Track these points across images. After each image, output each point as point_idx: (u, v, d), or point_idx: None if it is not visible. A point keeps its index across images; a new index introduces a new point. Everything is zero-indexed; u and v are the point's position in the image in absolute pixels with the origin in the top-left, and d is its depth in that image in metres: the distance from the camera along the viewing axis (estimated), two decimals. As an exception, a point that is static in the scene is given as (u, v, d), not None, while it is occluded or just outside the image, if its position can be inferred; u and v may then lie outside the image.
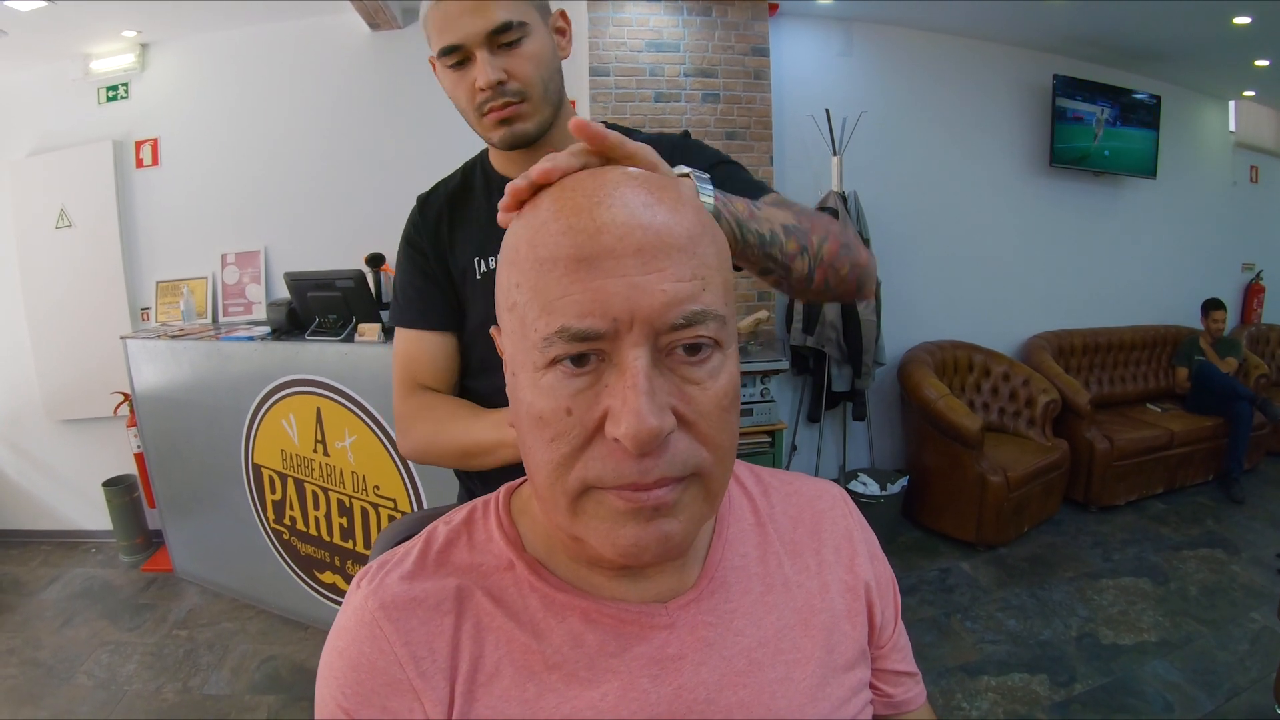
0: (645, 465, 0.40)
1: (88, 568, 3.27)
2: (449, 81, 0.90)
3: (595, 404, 0.41)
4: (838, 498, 0.63)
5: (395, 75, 3.29)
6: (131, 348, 2.91)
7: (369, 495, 2.40)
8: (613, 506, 0.42)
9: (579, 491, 0.42)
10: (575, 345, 0.40)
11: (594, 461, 0.41)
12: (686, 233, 0.42)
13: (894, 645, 0.63)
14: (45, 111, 3.36)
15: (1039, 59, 4.02)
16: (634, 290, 0.39)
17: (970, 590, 2.88)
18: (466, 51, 0.85)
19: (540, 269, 0.41)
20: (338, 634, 0.49)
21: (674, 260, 0.41)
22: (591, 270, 0.40)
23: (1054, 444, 3.47)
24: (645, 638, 0.49)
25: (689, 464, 0.42)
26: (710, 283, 0.42)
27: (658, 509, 0.42)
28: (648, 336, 0.40)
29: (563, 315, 0.40)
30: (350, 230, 3.24)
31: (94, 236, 3.33)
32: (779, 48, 3.49)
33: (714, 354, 0.43)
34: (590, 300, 0.39)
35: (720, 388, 0.43)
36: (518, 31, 0.86)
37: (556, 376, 0.41)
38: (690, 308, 0.40)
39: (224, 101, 3.33)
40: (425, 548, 0.52)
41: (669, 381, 0.41)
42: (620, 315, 0.39)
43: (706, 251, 0.43)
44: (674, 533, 0.43)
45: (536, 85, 0.89)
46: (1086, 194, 4.30)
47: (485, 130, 0.92)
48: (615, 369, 0.40)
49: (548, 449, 0.42)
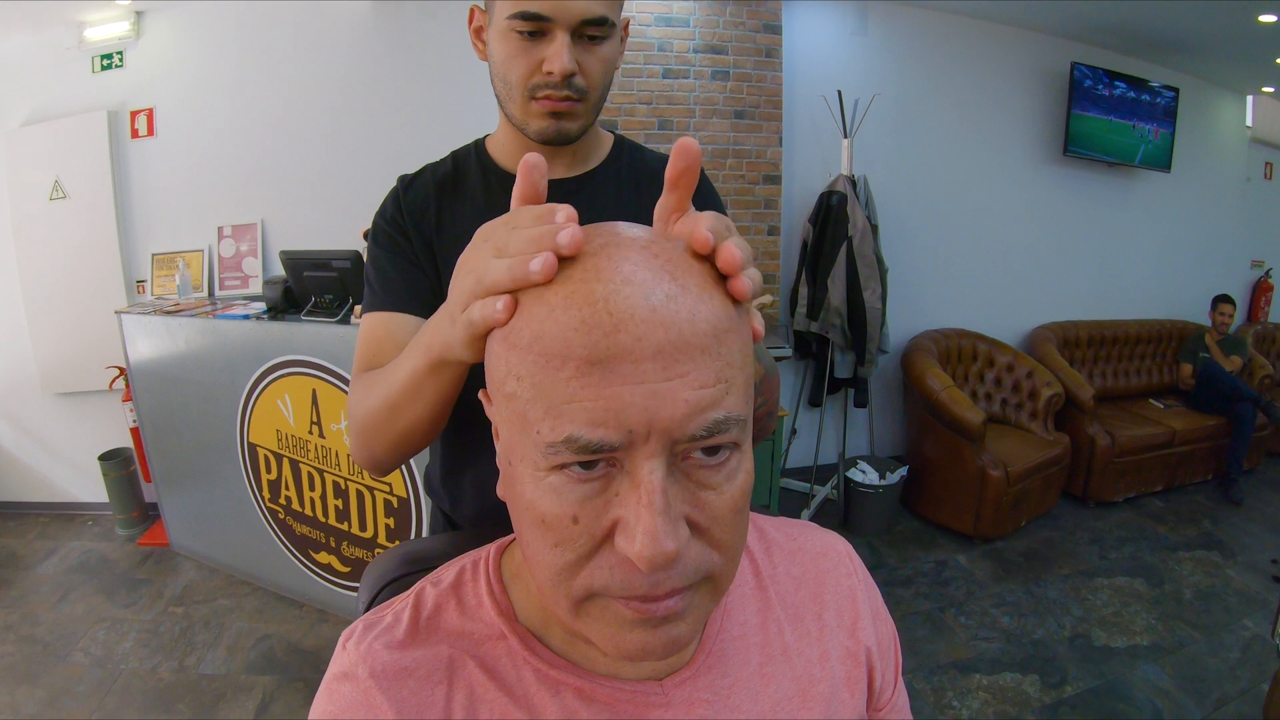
0: (656, 579, 0.38)
1: (84, 541, 3.27)
2: (510, 48, 0.80)
3: (604, 513, 0.38)
4: (843, 555, 0.61)
5: (397, 47, 3.22)
6: (126, 322, 2.88)
7: (365, 479, 2.38)
8: (619, 614, 0.40)
9: (584, 597, 0.40)
10: (585, 455, 0.37)
11: (601, 571, 0.39)
12: (712, 329, 0.37)
13: (892, 706, 0.61)
14: (38, 81, 3.29)
15: (1057, 45, 3.94)
16: (652, 399, 0.36)
17: (966, 584, 2.88)
18: (549, 27, 0.77)
19: (546, 366, 0.37)
20: (328, 698, 0.47)
21: (697, 363, 0.37)
22: (606, 375, 0.35)
23: (1056, 438, 3.45)
24: (641, 718, 0.47)
25: (700, 570, 0.40)
26: (734, 384, 0.38)
27: (667, 617, 0.40)
28: (665, 447, 0.37)
29: (571, 423, 0.36)
30: (347, 203, 3.15)
31: (89, 208, 3.28)
32: (791, 25, 3.42)
33: (733, 456, 0.40)
34: (603, 409, 0.36)
35: (736, 491, 0.40)
36: (606, 30, 0.79)
37: (562, 480, 0.38)
38: (712, 416, 0.37)
39: (221, 71, 3.26)
40: (415, 613, 0.50)
41: (683, 489, 0.38)
42: (636, 427, 0.36)
43: (731, 349, 0.38)
44: (680, 635, 0.41)
45: (598, 90, 0.83)
46: (1099, 184, 4.25)
47: (526, 115, 0.83)
48: (628, 478, 0.37)
49: (551, 553, 0.40)
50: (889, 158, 3.61)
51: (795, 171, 3.53)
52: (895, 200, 3.58)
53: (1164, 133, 4.25)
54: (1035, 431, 3.51)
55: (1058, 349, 3.92)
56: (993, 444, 3.23)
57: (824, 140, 3.50)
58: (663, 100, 3.21)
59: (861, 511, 3.25)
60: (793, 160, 3.49)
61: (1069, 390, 3.57)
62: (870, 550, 3.14)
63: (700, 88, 3.26)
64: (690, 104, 3.26)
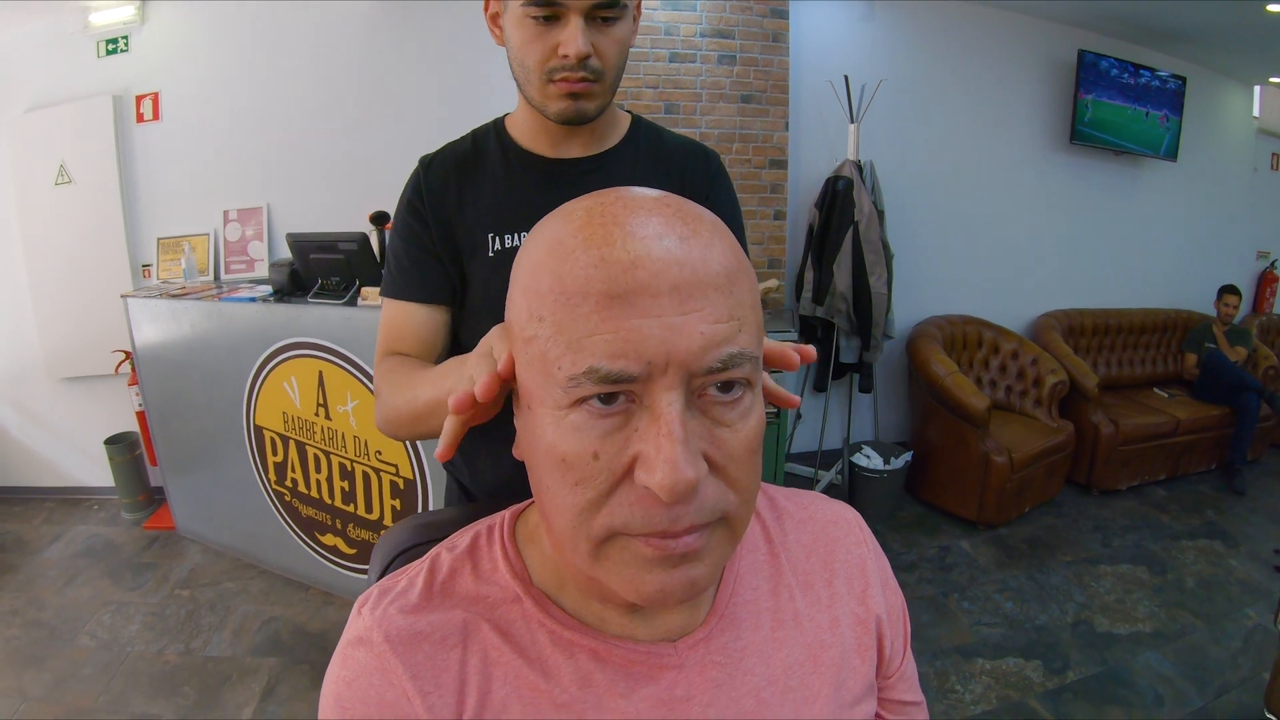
0: (676, 513, 0.39)
1: (90, 525, 3.28)
2: (526, 33, 0.82)
3: (625, 448, 0.39)
4: (852, 524, 0.62)
5: (402, 32, 3.21)
6: (132, 306, 2.88)
7: (371, 460, 2.39)
8: (639, 553, 0.41)
9: (604, 537, 0.41)
10: (605, 386, 0.38)
11: (621, 508, 0.40)
12: (724, 270, 0.40)
13: (901, 675, 0.62)
14: (43, 66, 3.29)
15: (1065, 33, 3.92)
16: (670, 331, 0.37)
17: (969, 570, 2.89)
18: (562, 11, 0.79)
19: (567, 303, 0.38)
20: (343, 663, 0.47)
21: (710, 300, 0.39)
22: (624, 308, 0.37)
23: (1060, 425, 3.45)
24: (654, 678, 0.48)
25: (717, 509, 0.41)
26: (746, 323, 0.40)
27: (685, 555, 0.41)
28: (682, 380, 0.38)
29: (592, 355, 0.38)
30: (353, 188, 3.18)
31: (94, 193, 3.29)
32: (799, 10, 3.39)
33: (746, 394, 0.41)
34: (623, 341, 0.37)
35: (750, 429, 0.42)
36: (618, 12, 0.81)
37: (583, 416, 0.39)
38: (727, 350, 0.39)
39: (226, 55, 3.25)
40: (429, 578, 0.50)
41: (700, 425, 0.40)
42: (655, 358, 0.37)
43: (743, 290, 0.41)
44: (699, 577, 0.42)
45: (614, 69, 0.85)
46: (1105, 173, 4.23)
47: (545, 98, 0.85)
48: (647, 412, 0.39)
49: (571, 493, 0.40)
50: (895, 143, 3.60)
51: (801, 156, 3.52)
52: (901, 186, 3.57)
53: (1171, 121, 4.24)
54: (1039, 419, 3.51)
55: (1063, 337, 3.91)
56: (997, 430, 3.23)
57: (830, 125, 3.49)
58: (669, 85, 3.20)
59: (865, 497, 3.25)
60: (799, 145, 3.49)
61: (1073, 378, 3.57)
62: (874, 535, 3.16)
63: (707, 72, 3.24)
64: (697, 88, 3.25)
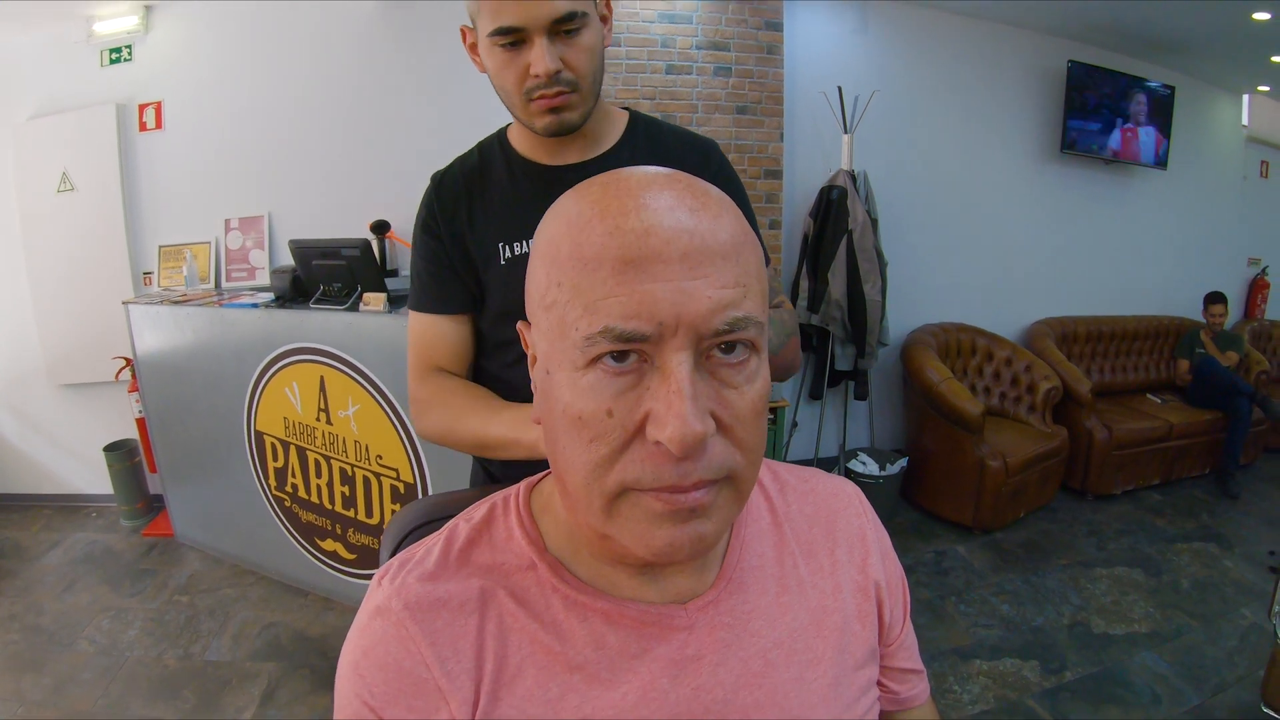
0: (685, 468, 0.41)
1: (89, 532, 3.28)
2: (497, 61, 0.87)
3: (637, 406, 0.41)
4: (853, 497, 0.64)
5: (403, 43, 3.25)
6: (134, 313, 2.90)
7: (371, 464, 2.40)
8: (650, 508, 0.42)
9: (616, 493, 0.43)
10: (618, 345, 0.40)
11: (633, 464, 0.41)
12: (731, 240, 0.42)
13: (901, 644, 0.64)
14: (47, 74, 3.33)
15: (1055, 44, 3.98)
16: (680, 295, 0.39)
17: (965, 574, 2.91)
18: (525, 35, 0.83)
19: (584, 269, 0.41)
20: (361, 632, 0.49)
21: (718, 267, 0.41)
22: (638, 273, 0.39)
23: (1054, 431, 3.49)
24: (665, 639, 0.50)
25: (724, 467, 0.43)
26: (751, 290, 0.42)
27: (694, 511, 0.42)
28: (691, 341, 0.40)
29: (607, 316, 0.40)
30: (354, 198, 3.22)
31: (97, 200, 3.31)
32: (793, 23, 3.45)
33: (751, 358, 0.43)
34: (636, 303, 0.39)
35: (756, 392, 0.43)
36: (579, 22, 0.84)
37: (598, 376, 0.41)
38: (734, 314, 0.41)
39: (228, 65, 3.29)
40: (446, 547, 0.52)
41: (708, 385, 0.41)
42: (666, 319, 0.39)
43: (748, 259, 0.43)
44: (707, 533, 0.44)
45: (588, 76, 0.88)
46: (1096, 182, 4.29)
47: (529, 116, 0.89)
48: (658, 372, 0.41)
49: (586, 450, 0.42)
50: (888, 153, 3.64)
51: (796, 166, 3.56)
52: (895, 195, 3.62)
53: (1161, 131, 4.29)
54: (1034, 424, 3.54)
55: (1056, 344, 3.95)
56: (991, 436, 3.26)
57: (824, 136, 3.54)
58: (666, 96, 3.24)
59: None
60: (794, 155, 3.53)
61: (1067, 384, 3.61)
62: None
63: (703, 84, 3.29)
64: (693, 99, 3.29)
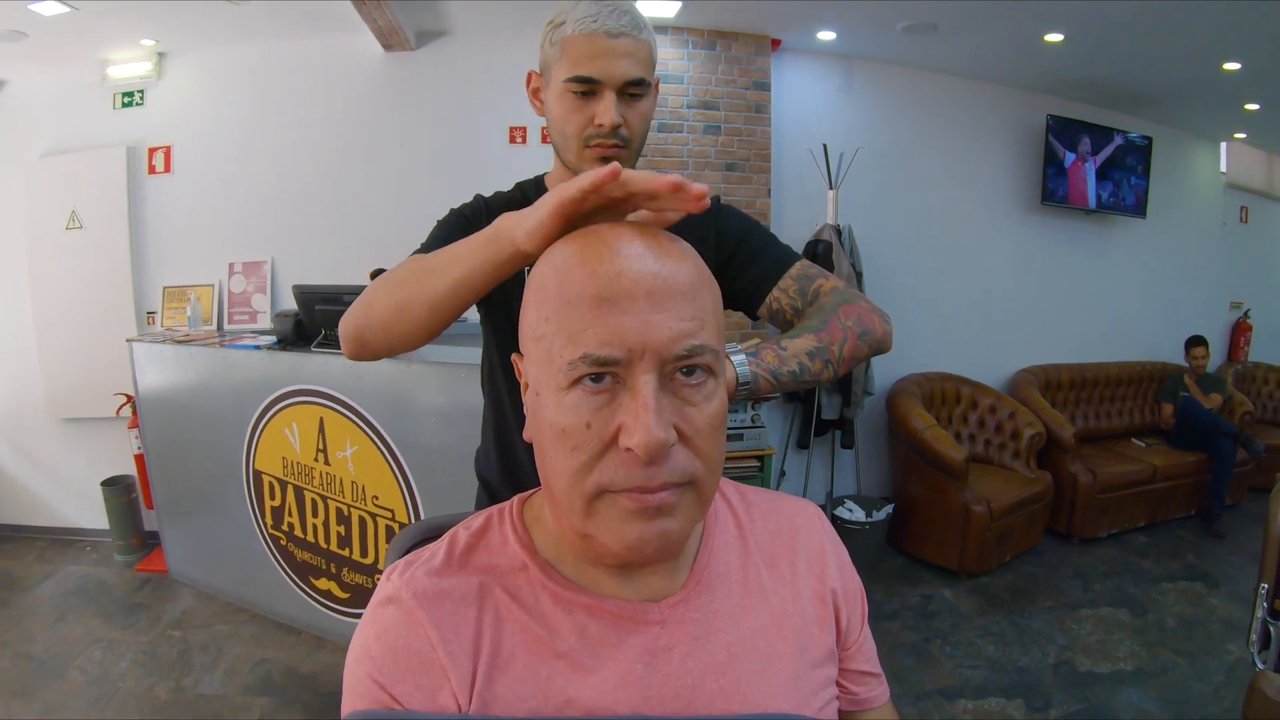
0: (651, 471, 0.48)
1: (82, 566, 3.30)
2: (566, 106, 0.95)
3: (611, 420, 0.48)
4: (813, 515, 0.71)
5: (406, 95, 3.38)
6: (137, 350, 2.96)
7: (368, 505, 2.45)
8: (623, 507, 0.49)
9: (594, 494, 0.50)
10: (595, 368, 0.48)
11: (608, 469, 0.49)
12: (689, 282, 0.50)
13: (859, 648, 0.70)
14: (61, 114, 3.43)
15: (1033, 99, 4.12)
16: (646, 326, 0.47)
17: (951, 617, 2.94)
18: (598, 88, 0.93)
19: (567, 305, 0.49)
20: (373, 620, 0.55)
21: (678, 303, 0.49)
22: (611, 308, 0.48)
23: (1038, 476, 3.54)
24: (640, 631, 0.56)
25: (686, 472, 0.50)
26: (707, 324, 0.51)
27: (660, 509, 0.50)
28: (656, 364, 0.48)
29: (586, 344, 0.48)
30: (355, 246, 3.30)
31: (104, 239, 3.39)
32: (780, 82, 3.58)
33: (708, 380, 0.51)
34: (610, 333, 0.47)
35: (713, 410, 0.51)
36: (643, 89, 0.95)
37: (578, 395, 0.49)
38: (691, 342, 0.49)
39: (237, 113, 3.41)
40: (449, 549, 0.59)
41: (672, 403, 0.49)
42: (634, 346, 0.47)
43: (704, 298, 0.51)
44: (672, 530, 0.51)
45: (639, 137, 0.99)
46: (1077, 232, 4.40)
47: (580, 159, 0.98)
48: (628, 390, 0.48)
49: (569, 458, 0.49)
50: (873, 208, 3.75)
51: (784, 221, 3.67)
52: (879, 248, 3.72)
53: (1139, 181, 4.42)
54: (1018, 470, 3.60)
55: (1040, 392, 4.02)
56: (976, 482, 3.31)
57: (810, 191, 3.65)
58: (657, 153, 3.35)
59: (848, 549, 3.28)
60: (781, 210, 3.64)
61: (1050, 430, 3.67)
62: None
63: (693, 141, 3.41)
64: (684, 156, 3.41)
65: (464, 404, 2.19)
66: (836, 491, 3.70)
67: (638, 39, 0.93)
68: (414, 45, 3.33)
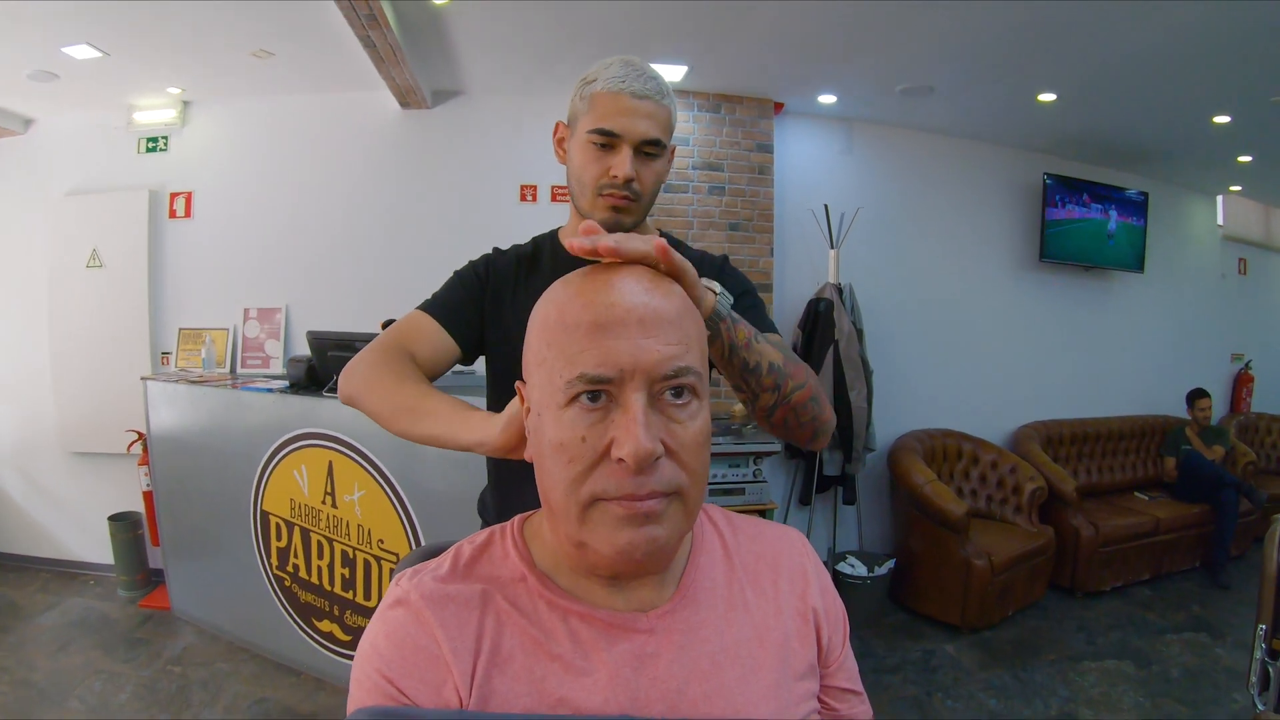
0: (640, 480, 0.53)
1: (85, 598, 3.31)
2: (587, 155, 1.03)
3: (604, 434, 0.53)
4: (796, 541, 0.75)
5: (421, 151, 3.50)
6: (151, 389, 3.02)
7: (373, 548, 2.47)
8: (614, 514, 0.54)
9: (588, 502, 0.54)
10: (590, 386, 0.53)
11: (601, 478, 0.54)
12: (675, 312, 0.56)
13: (840, 666, 0.73)
14: (87, 155, 3.54)
15: (1030, 158, 4.22)
16: (636, 349, 0.53)
17: (953, 671, 2.92)
18: (617, 142, 1.00)
19: (566, 331, 0.55)
20: (382, 620, 0.59)
21: (665, 330, 0.54)
22: (605, 333, 0.53)
23: (1040, 530, 3.54)
24: (629, 638, 0.60)
25: (673, 483, 0.55)
26: (691, 348, 0.56)
27: (649, 516, 0.54)
28: (645, 384, 0.53)
29: (583, 365, 0.53)
30: (368, 296, 3.39)
31: (123, 279, 3.47)
32: (783, 144, 3.70)
33: (693, 400, 0.56)
34: (603, 355, 0.53)
35: (698, 427, 0.56)
36: (659, 150, 1.03)
37: (576, 412, 0.54)
38: (677, 364, 0.54)
39: (257, 162, 3.52)
40: (455, 559, 0.63)
41: (660, 419, 0.54)
42: (626, 367, 0.53)
43: (689, 326, 0.57)
44: (659, 537, 0.55)
45: (649, 194, 1.06)
46: (1076, 288, 4.45)
47: (592, 207, 1.05)
48: (620, 408, 0.53)
49: (565, 468, 0.54)
50: (873, 267, 3.81)
51: (786, 280, 3.75)
52: (880, 307, 3.78)
53: (1135, 236, 4.49)
54: (1020, 524, 3.59)
55: (1042, 447, 4.02)
56: (977, 536, 3.31)
57: (812, 251, 3.73)
58: (664, 214, 3.45)
59: (850, 604, 3.19)
60: (784, 269, 3.73)
61: (1052, 484, 3.67)
62: (859, 641, 3.16)
63: (698, 202, 3.52)
64: (689, 216, 3.50)
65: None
66: (839, 547, 3.70)
67: (660, 103, 1.01)
68: (430, 104, 3.46)
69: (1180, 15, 2.48)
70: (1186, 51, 2.78)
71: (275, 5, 2.55)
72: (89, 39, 2.76)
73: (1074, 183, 4.23)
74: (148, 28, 2.70)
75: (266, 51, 2.96)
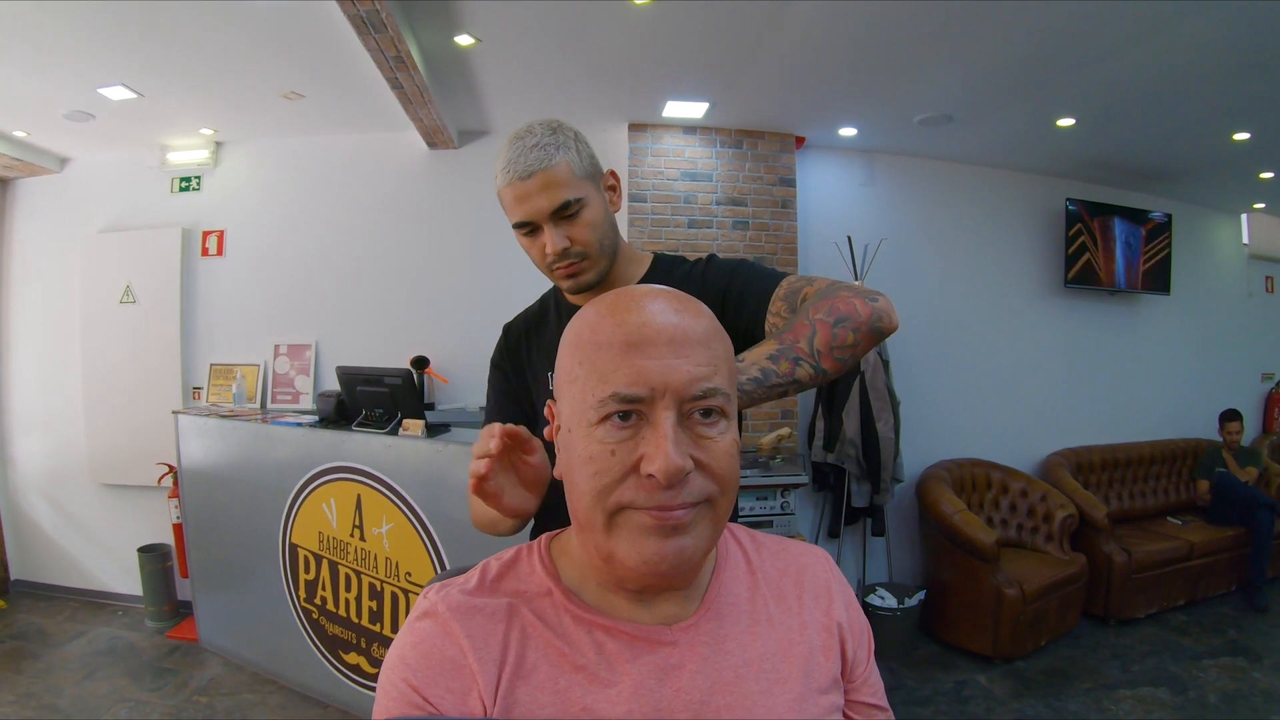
0: (670, 493, 0.54)
1: (113, 628, 3.35)
2: (523, 244, 1.06)
3: (634, 450, 0.54)
4: (820, 557, 0.75)
5: (448, 190, 3.57)
6: (183, 422, 3.07)
7: (400, 581, 2.48)
8: (642, 523, 0.55)
9: (615, 510, 0.55)
10: (622, 405, 0.54)
11: (629, 490, 0.55)
12: (705, 332, 0.57)
13: (865, 680, 0.72)
14: (121, 193, 3.64)
15: (1051, 183, 4.21)
16: (667, 369, 0.54)
17: (985, 701, 2.86)
18: (536, 225, 1.02)
19: (599, 351, 0.56)
20: (411, 631, 0.60)
21: (695, 350, 0.56)
22: (637, 353, 0.54)
23: (1072, 558, 3.48)
24: (653, 650, 0.60)
25: (703, 493, 0.56)
26: (719, 369, 0.57)
27: (677, 528, 0.55)
28: (675, 403, 0.54)
29: (614, 384, 0.54)
30: (396, 333, 3.45)
31: (155, 314, 3.55)
32: (805, 178, 3.72)
33: (721, 420, 0.57)
34: (635, 374, 0.54)
35: (727, 442, 0.57)
36: (576, 206, 1.01)
37: (607, 429, 0.55)
38: (706, 384, 0.55)
39: (288, 201, 3.60)
40: (483, 574, 0.65)
41: (689, 436, 0.55)
42: (657, 386, 0.54)
43: (718, 348, 0.58)
44: (687, 547, 0.56)
45: (594, 245, 1.04)
46: (1102, 312, 4.41)
47: (556, 280, 1.09)
48: (650, 426, 0.54)
49: (593, 480, 0.55)
50: (898, 297, 3.67)
51: (811, 314, 3.73)
52: (906, 337, 3.73)
53: (1161, 257, 4.44)
54: (1051, 552, 3.53)
55: (1072, 474, 3.97)
56: (1008, 565, 3.26)
57: (836, 283, 3.73)
58: (688, 248, 3.47)
59: (880, 636, 3.16)
60: (808, 303, 3.72)
61: (1083, 511, 3.62)
62: (889, 673, 3.11)
63: (722, 236, 3.55)
64: (713, 251, 3.49)
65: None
66: (868, 579, 3.67)
67: (549, 169, 0.98)
68: (457, 144, 3.54)
69: (1195, 34, 2.47)
70: (1203, 70, 2.78)
71: (305, 48, 2.62)
72: (124, 80, 2.83)
73: (1096, 206, 4.22)
74: (181, 70, 2.77)
75: (297, 93, 3.04)
